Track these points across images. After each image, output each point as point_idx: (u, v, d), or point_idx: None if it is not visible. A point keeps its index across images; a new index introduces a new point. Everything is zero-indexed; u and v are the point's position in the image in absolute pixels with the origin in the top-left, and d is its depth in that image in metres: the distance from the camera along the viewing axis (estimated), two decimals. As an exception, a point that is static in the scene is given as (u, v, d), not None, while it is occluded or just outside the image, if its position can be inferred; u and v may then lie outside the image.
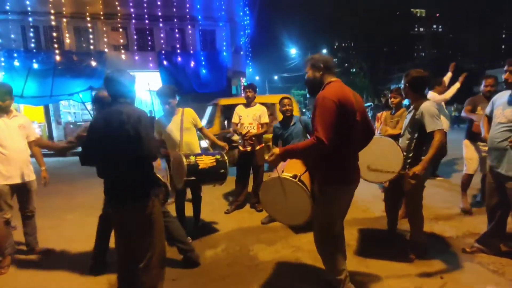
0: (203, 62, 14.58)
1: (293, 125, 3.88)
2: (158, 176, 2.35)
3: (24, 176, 2.97)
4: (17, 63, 12.18)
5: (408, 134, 2.76)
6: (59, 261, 3.12)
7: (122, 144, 1.96)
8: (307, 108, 28.06)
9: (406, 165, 2.71)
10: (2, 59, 12.20)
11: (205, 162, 3.05)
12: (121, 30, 14.59)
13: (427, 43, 36.17)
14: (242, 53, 17.43)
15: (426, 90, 3.08)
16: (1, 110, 2.89)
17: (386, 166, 2.75)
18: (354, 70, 32.48)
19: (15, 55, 12.40)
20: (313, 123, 1.99)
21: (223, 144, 3.67)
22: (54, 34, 13.49)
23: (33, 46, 13.44)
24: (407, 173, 2.66)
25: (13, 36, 12.97)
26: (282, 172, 2.25)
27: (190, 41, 15.23)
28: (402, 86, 2.86)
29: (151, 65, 14.32)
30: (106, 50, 14.04)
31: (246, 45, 18.76)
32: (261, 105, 4.35)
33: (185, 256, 2.84)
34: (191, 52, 15.03)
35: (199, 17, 14.79)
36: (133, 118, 1.95)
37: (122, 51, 14.32)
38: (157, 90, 3.52)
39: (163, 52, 14.42)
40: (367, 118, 2.24)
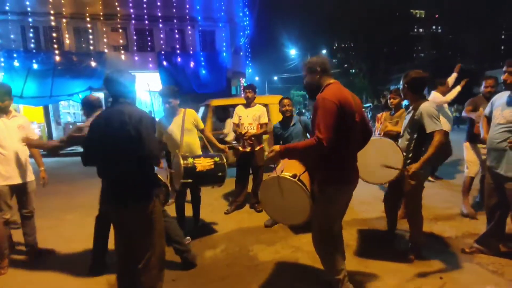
0: (203, 63, 14.58)
1: (293, 125, 3.88)
2: (158, 176, 2.35)
3: (23, 176, 2.97)
4: (16, 64, 12.16)
5: (407, 135, 2.77)
6: (59, 261, 3.12)
7: (123, 144, 1.96)
8: (307, 108, 28.07)
9: (406, 165, 2.71)
10: (2, 60, 12.17)
11: (203, 164, 3.04)
12: (120, 30, 14.58)
13: (427, 44, 36.22)
14: (241, 53, 17.43)
15: (426, 91, 3.08)
16: (0, 111, 2.88)
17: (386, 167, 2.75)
18: (354, 70, 32.53)
19: (15, 56, 12.37)
20: (313, 124, 2.00)
21: (223, 146, 3.67)
22: (54, 35, 13.47)
23: (32, 46, 13.41)
24: (406, 171, 2.66)
25: (12, 36, 12.95)
26: (282, 172, 2.25)
27: (189, 41, 15.24)
28: (401, 87, 2.87)
29: (151, 65, 14.32)
30: (106, 50, 14.03)
31: (246, 45, 18.77)
32: (260, 105, 4.36)
33: (181, 257, 2.83)
34: (191, 52, 15.03)
35: (199, 17, 14.79)
36: (134, 118, 1.95)
37: (122, 52, 14.31)
38: (159, 90, 3.54)
39: (163, 52, 14.41)
40: (365, 119, 2.27)
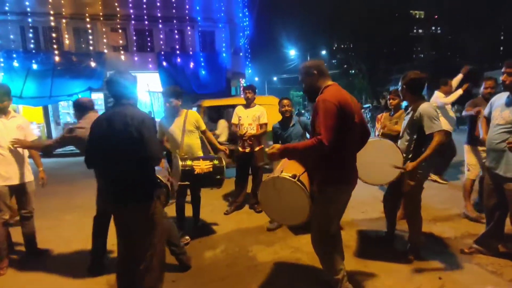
0: (203, 63, 14.58)
1: (292, 126, 3.88)
2: (159, 177, 2.35)
3: (22, 177, 2.96)
4: (16, 64, 12.14)
5: (407, 136, 2.77)
6: (58, 261, 3.12)
7: (124, 145, 1.96)
8: (306, 109, 28.09)
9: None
10: (1, 60, 12.15)
11: (201, 167, 3.03)
12: (120, 31, 14.57)
13: (426, 45, 36.30)
14: (241, 54, 17.43)
15: (425, 91, 3.09)
16: None
17: (386, 168, 2.76)
18: (353, 71, 32.56)
19: (14, 56, 12.36)
20: (314, 125, 2.01)
21: (224, 148, 3.67)
22: (54, 35, 13.46)
23: (32, 46, 13.39)
24: (404, 170, 2.66)
25: (12, 36, 12.92)
26: (281, 172, 2.26)
27: (189, 42, 15.23)
28: (399, 87, 2.87)
29: (151, 66, 14.31)
30: (106, 51, 14.01)
31: (246, 46, 18.78)
32: (260, 106, 4.36)
33: (176, 258, 2.80)
34: (191, 53, 15.02)
35: (199, 18, 14.79)
36: (136, 120, 1.96)
37: (122, 52, 14.29)
38: (162, 89, 3.55)
39: (163, 53, 14.40)
40: (364, 121, 2.29)
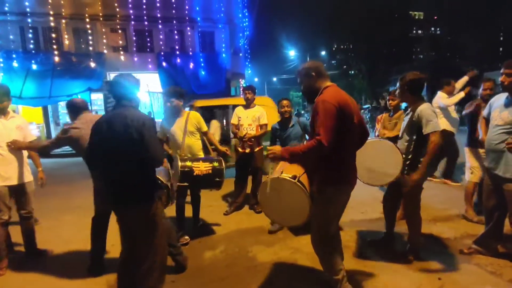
0: (202, 64, 14.60)
1: (291, 126, 3.89)
2: (160, 178, 2.35)
3: (21, 177, 2.96)
4: (15, 64, 12.13)
5: (406, 136, 2.77)
6: (58, 262, 3.12)
7: (125, 147, 1.97)
8: (306, 110, 28.12)
9: (405, 167, 2.72)
10: (1, 60, 12.15)
11: (200, 169, 3.04)
12: (120, 31, 14.58)
13: (426, 45, 36.38)
14: (241, 54, 17.45)
15: (424, 92, 3.09)
16: None
17: (385, 169, 2.76)
18: (353, 72, 32.61)
19: (14, 56, 12.35)
20: (313, 126, 2.02)
21: (224, 149, 3.67)
22: (53, 35, 13.46)
23: (32, 47, 13.39)
24: (405, 176, 2.67)
25: (12, 37, 12.92)
26: (281, 173, 2.26)
27: (189, 42, 15.25)
28: (397, 89, 2.87)
29: (150, 66, 14.32)
30: (105, 51, 14.02)
31: (245, 47, 18.80)
32: (260, 106, 4.37)
33: (173, 259, 2.76)
34: (190, 53, 15.04)
35: (198, 18, 14.80)
36: (137, 122, 1.96)
37: (121, 53, 14.30)
38: (165, 89, 3.55)
39: (162, 53, 14.42)
40: (363, 121, 2.30)
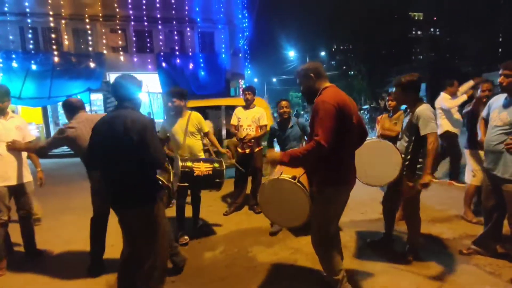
0: (202, 64, 14.60)
1: (290, 127, 3.89)
2: (160, 178, 2.36)
3: (21, 177, 2.96)
4: (15, 64, 12.13)
5: (405, 137, 2.78)
6: (57, 262, 3.13)
7: (125, 148, 1.97)
8: (305, 110, 28.13)
9: (404, 167, 2.73)
10: (0, 60, 12.15)
11: (201, 169, 3.04)
12: (120, 32, 14.58)
13: (425, 46, 36.39)
14: (240, 55, 17.48)
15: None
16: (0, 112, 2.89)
17: (385, 169, 2.77)
18: (352, 72, 32.63)
19: (13, 56, 12.35)
20: (312, 127, 2.02)
21: (225, 150, 3.67)
22: (53, 36, 13.47)
23: (31, 47, 13.38)
24: (404, 178, 2.68)
25: (11, 37, 12.92)
26: (281, 174, 2.27)
27: (189, 43, 15.26)
28: (393, 94, 2.87)
29: (150, 67, 14.33)
30: (105, 51, 14.02)
31: (245, 47, 18.82)
32: (260, 107, 4.37)
33: (170, 260, 2.72)
34: (190, 54, 15.05)
35: (198, 19, 14.82)
36: (138, 124, 1.96)
37: (121, 53, 14.31)
38: (168, 89, 3.56)
39: (162, 54, 14.43)
40: (362, 121, 2.32)
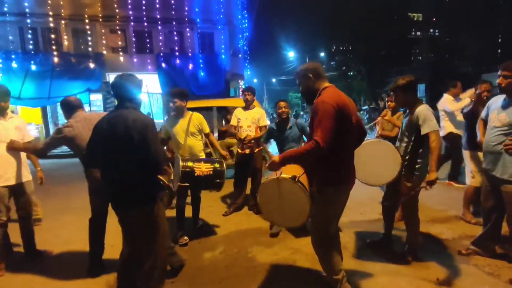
0: (202, 65, 14.61)
1: (289, 128, 3.88)
2: (161, 178, 2.36)
3: (20, 177, 2.97)
4: (15, 65, 12.13)
5: (405, 138, 2.79)
6: (57, 262, 3.13)
7: (125, 148, 1.97)
8: (305, 111, 28.12)
9: (403, 168, 2.74)
10: (0, 61, 12.16)
11: (202, 170, 3.04)
12: (119, 32, 14.57)
13: (424, 47, 36.44)
14: (240, 56, 17.49)
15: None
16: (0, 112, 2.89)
17: (384, 169, 2.78)
18: (352, 73, 32.67)
19: (13, 57, 12.34)
20: (312, 128, 2.03)
21: (225, 153, 3.68)
22: (52, 36, 13.46)
23: (31, 47, 13.36)
24: (402, 178, 2.69)
25: (11, 37, 12.91)
26: (281, 174, 2.27)
27: (188, 43, 15.26)
28: (394, 96, 2.87)
29: (150, 67, 14.33)
30: (105, 52, 14.01)
31: (244, 48, 18.82)
32: (259, 108, 4.38)
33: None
34: (190, 54, 15.04)
35: (198, 20, 14.82)
36: (139, 123, 1.97)
37: (121, 53, 14.30)
38: (169, 90, 3.58)
39: (162, 54, 14.43)
40: (361, 121, 2.33)
